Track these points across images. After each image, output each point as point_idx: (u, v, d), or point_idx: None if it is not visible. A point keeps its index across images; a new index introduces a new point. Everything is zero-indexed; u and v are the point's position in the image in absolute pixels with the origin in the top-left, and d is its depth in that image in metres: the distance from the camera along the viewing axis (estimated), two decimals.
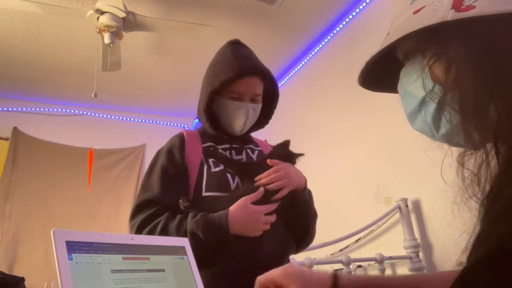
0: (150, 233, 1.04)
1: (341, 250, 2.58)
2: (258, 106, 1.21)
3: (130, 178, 4.22)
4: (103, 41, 2.62)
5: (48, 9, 2.53)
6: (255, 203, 1.03)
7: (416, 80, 0.52)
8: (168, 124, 4.61)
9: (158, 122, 4.63)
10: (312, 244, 1.25)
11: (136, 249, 0.69)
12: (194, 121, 4.67)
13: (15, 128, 3.90)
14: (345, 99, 2.86)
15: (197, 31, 2.83)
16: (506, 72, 0.43)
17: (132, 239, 0.69)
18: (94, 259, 0.61)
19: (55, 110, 4.15)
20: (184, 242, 0.79)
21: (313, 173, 1.64)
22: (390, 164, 2.39)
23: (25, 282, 1.35)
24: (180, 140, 1.19)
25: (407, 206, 2.20)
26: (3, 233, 3.55)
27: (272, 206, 1.06)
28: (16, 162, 3.81)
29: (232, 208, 1.01)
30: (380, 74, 0.59)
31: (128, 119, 4.49)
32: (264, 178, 1.07)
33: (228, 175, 1.13)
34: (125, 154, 4.30)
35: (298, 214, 1.16)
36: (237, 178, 1.13)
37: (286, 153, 1.17)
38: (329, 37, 3.18)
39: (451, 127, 0.49)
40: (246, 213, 1.01)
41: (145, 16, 2.62)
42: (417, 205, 2.21)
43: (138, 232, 1.06)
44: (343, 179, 2.81)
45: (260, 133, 1.32)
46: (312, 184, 1.22)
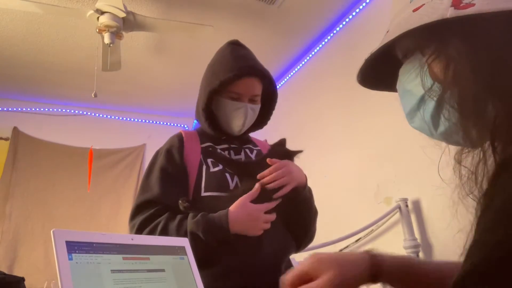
0: (150, 234, 1.03)
1: (341, 250, 2.57)
2: (257, 107, 1.21)
3: (130, 178, 4.22)
4: (103, 41, 2.62)
5: (48, 9, 2.53)
6: (258, 202, 1.03)
7: (415, 78, 0.52)
8: (168, 124, 4.61)
9: (158, 122, 4.62)
10: (312, 244, 1.25)
11: (136, 249, 0.69)
12: (194, 121, 4.67)
13: (15, 128, 3.89)
14: (345, 99, 2.85)
15: (197, 31, 2.83)
16: (505, 71, 0.43)
17: (132, 239, 0.69)
18: (94, 259, 0.61)
19: (55, 110, 4.14)
20: (184, 242, 0.79)
21: (313, 173, 1.64)
22: (390, 164, 2.38)
23: (25, 282, 1.35)
24: (179, 140, 1.19)
25: (407, 206, 2.20)
26: (3, 233, 3.55)
27: (272, 204, 1.05)
28: (16, 162, 3.80)
29: (232, 208, 1.01)
30: (379, 73, 0.59)
31: (128, 119, 4.49)
32: (267, 176, 1.07)
33: (227, 175, 1.13)
34: (125, 154, 4.29)
35: (299, 212, 1.16)
36: (236, 178, 1.13)
37: (285, 151, 1.17)
38: (329, 37, 3.18)
39: (450, 125, 0.49)
40: (246, 212, 1.01)
41: (145, 16, 2.62)
42: (417, 205, 2.21)
43: (138, 233, 1.05)
44: (343, 179, 2.80)
45: (260, 133, 1.32)
46: (312, 184, 1.22)
